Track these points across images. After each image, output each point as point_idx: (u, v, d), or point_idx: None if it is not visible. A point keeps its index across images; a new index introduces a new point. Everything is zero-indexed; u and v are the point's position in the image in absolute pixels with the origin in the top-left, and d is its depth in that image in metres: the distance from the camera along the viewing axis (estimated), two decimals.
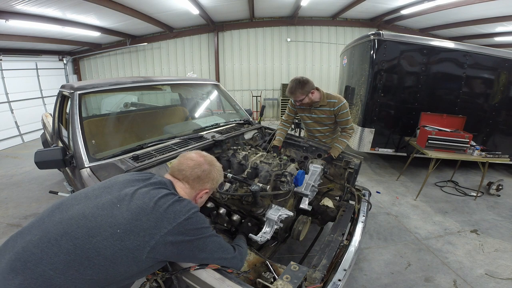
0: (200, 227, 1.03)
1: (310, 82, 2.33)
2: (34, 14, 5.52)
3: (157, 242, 0.92)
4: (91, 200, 0.99)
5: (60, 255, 0.83)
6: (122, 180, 1.10)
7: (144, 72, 9.96)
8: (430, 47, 4.16)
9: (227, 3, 7.39)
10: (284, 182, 1.69)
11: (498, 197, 3.89)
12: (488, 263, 2.50)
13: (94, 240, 0.87)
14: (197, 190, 1.18)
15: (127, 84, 2.38)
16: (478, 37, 8.98)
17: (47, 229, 0.90)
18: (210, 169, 1.20)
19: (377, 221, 3.19)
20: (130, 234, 0.90)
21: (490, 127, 4.48)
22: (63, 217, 0.93)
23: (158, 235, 0.92)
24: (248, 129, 2.66)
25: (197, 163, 1.18)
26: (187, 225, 0.98)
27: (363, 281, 2.24)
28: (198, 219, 1.04)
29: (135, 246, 0.90)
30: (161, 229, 0.93)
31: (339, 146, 2.34)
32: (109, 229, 0.89)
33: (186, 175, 1.16)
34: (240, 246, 1.26)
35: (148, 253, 0.91)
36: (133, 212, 0.93)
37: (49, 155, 1.73)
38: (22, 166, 5.36)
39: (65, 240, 0.86)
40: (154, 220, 0.94)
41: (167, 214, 0.96)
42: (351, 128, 2.47)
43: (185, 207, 1.02)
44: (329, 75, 10.11)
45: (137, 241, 0.90)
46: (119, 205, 0.95)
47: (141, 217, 0.93)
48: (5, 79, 7.08)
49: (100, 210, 0.94)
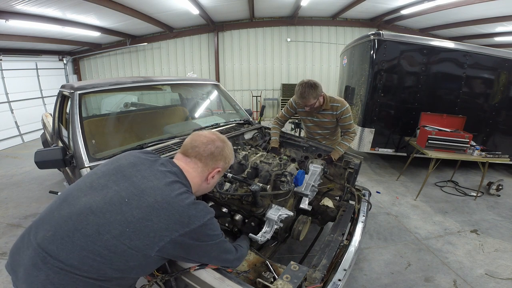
0: (212, 234, 1.01)
1: (319, 85, 2.25)
2: (34, 14, 5.51)
3: (166, 243, 0.91)
4: (97, 191, 0.96)
5: (75, 251, 0.85)
6: (127, 164, 1.06)
7: (144, 72, 9.96)
8: (430, 47, 4.16)
9: (227, 3, 7.39)
10: (284, 182, 1.69)
11: (498, 197, 3.89)
12: (488, 263, 2.50)
13: (104, 237, 0.87)
14: (210, 169, 1.13)
15: (127, 84, 2.38)
16: (478, 37, 8.98)
17: (59, 225, 0.90)
18: (223, 146, 1.16)
19: (377, 221, 3.19)
20: (140, 234, 0.88)
21: (490, 127, 4.48)
22: (71, 211, 0.92)
23: (168, 237, 0.90)
24: (248, 129, 2.66)
25: (211, 139, 1.14)
26: (200, 232, 0.96)
27: (363, 281, 2.24)
28: (212, 226, 1.01)
29: (145, 245, 0.89)
30: (172, 231, 0.91)
31: (340, 149, 2.33)
32: (118, 227, 0.88)
33: (199, 152, 1.12)
34: (241, 247, 1.26)
35: (157, 252, 0.91)
36: (143, 211, 0.91)
37: (49, 155, 1.73)
38: (22, 166, 5.36)
39: (78, 237, 0.86)
40: (166, 221, 0.91)
41: (182, 217, 0.93)
42: (353, 132, 2.44)
43: (201, 211, 0.98)
44: (329, 75, 10.11)
45: (147, 241, 0.89)
46: (128, 199, 0.93)
47: (152, 218, 0.90)
48: (5, 79, 7.08)
49: (108, 205, 0.92)
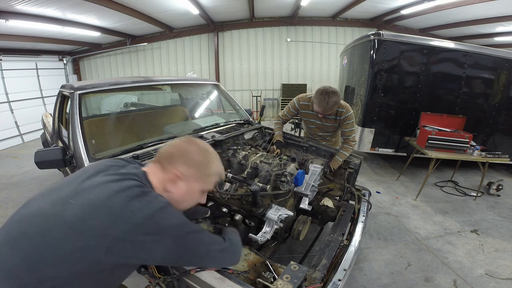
0: (171, 225, 0.87)
1: (338, 90, 2.21)
2: (34, 14, 5.52)
3: (112, 242, 0.80)
4: (51, 194, 0.90)
5: (20, 256, 0.78)
6: (93, 169, 0.97)
7: (144, 72, 9.96)
8: (430, 47, 4.16)
9: (227, 3, 7.39)
10: (284, 182, 1.69)
11: (498, 197, 3.89)
12: (488, 263, 2.50)
13: (47, 240, 0.79)
14: (168, 173, 0.98)
15: (127, 84, 2.38)
16: (478, 37, 8.98)
17: (9, 229, 0.85)
18: (190, 149, 1.00)
19: (377, 221, 3.19)
20: (82, 234, 0.79)
21: (490, 127, 4.47)
22: (22, 215, 0.87)
23: (111, 236, 0.80)
24: (248, 129, 2.66)
25: (177, 144, 1.03)
26: (150, 225, 0.83)
27: (363, 281, 2.24)
28: (167, 216, 0.87)
29: (89, 247, 0.79)
30: (115, 229, 0.80)
31: (339, 159, 2.32)
32: (59, 228, 0.80)
33: (160, 154, 1.02)
34: (230, 239, 1.10)
35: (107, 255, 0.80)
36: (84, 209, 0.82)
37: (49, 155, 1.73)
38: (22, 166, 5.36)
39: (23, 241, 0.80)
40: (108, 218, 0.81)
41: (123, 211, 0.82)
42: (354, 140, 2.39)
43: (148, 203, 0.86)
44: (329, 75, 10.11)
45: (91, 242, 0.79)
46: (73, 200, 0.84)
47: (93, 215, 0.81)
48: (5, 79, 7.08)
49: (53, 206, 0.84)
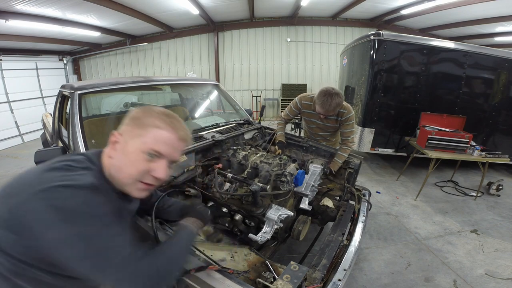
0: (64, 206, 0.64)
1: (340, 91, 2.22)
2: (34, 14, 5.52)
3: (4, 219, 0.65)
4: None
5: None
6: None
7: (144, 72, 9.96)
8: (430, 47, 4.17)
9: (227, 3, 7.39)
10: (284, 182, 1.69)
11: (498, 197, 3.89)
12: (488, 263, 2.50)
13: None
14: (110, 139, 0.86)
15: (127, 84, 2.38)
16: (478, 37, 8.98)
17: None
18: (133, 111, 0.88)
19: (377, 221, 3.19)
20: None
21: (490, 127, 4.48)
22: None
23: (5, 209, 0.65)
24: (248, 129, 2.66)
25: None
26: (42, 198, 0.63)
27: (363, 281, 2.24)
28: (67, 196, 0.65)
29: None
30: (10, 199, 0.66)
31: (338, 161, 2.32)
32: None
33: None
34: (154, 256, 0.78)
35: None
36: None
37: (49, 155, 1.73)
38: (22, 166, 5.36)
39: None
40: (9, 190, 0.68)
41: (27, 184, 0.67)
42: (352, 141, 2.41)
43: (61, 177, 0.68)
44: (329, 75, 10.11)
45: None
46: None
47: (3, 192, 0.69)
48: (5, 79, 7.09)
49: None
